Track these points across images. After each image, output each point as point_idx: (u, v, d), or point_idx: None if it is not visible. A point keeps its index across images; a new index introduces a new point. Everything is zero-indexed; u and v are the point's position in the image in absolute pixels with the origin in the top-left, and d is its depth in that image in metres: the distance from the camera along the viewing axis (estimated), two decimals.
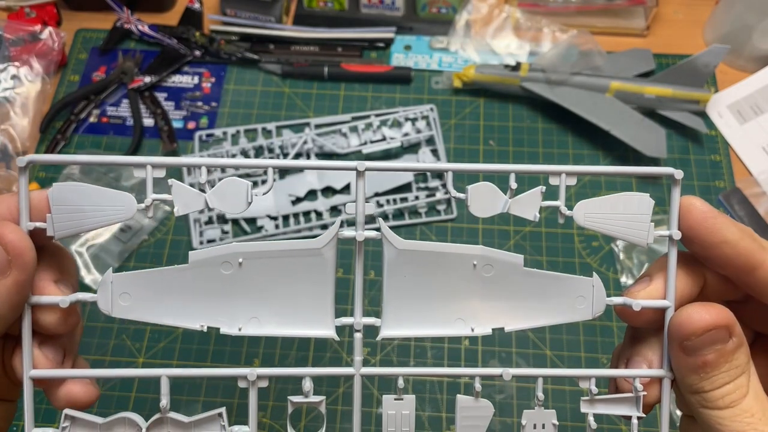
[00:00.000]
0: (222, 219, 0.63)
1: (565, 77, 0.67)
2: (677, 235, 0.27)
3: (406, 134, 0.66)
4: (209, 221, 0.63)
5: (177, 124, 0.69)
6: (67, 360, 0.28)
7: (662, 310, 0.27)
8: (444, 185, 0.64)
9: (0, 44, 0.71)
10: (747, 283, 0.26)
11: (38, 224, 0.26)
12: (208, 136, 0.67)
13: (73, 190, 0.25)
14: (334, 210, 0.63)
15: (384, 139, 0.66)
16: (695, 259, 0.27)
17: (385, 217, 0.63)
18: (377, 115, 0.68)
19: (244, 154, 0.65)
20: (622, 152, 0.66)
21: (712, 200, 0.64)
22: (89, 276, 0.60)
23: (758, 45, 0.69)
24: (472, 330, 0.28)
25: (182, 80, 0.72)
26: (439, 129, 0.67)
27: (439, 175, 0.64)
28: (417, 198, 0.63)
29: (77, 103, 0.69)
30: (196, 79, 0.72)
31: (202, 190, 0.27)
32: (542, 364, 0.57)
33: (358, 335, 0.27)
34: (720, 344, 0.24)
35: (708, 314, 0.24)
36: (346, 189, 0.64)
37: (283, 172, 0.65)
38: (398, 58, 0.73)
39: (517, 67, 0.68)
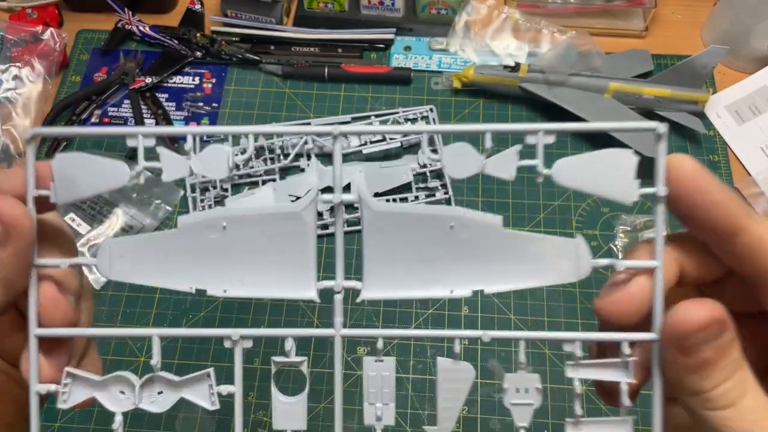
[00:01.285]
0: None
1: (564, 78, 0.67)
2: (663, 191, 0.26)
3: (406, 134, 0.66)
4: None
5: (178, 125, 0.69)
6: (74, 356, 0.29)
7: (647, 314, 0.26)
8: (444, 185, 0.64)
9: (2, 45, 0.72)
10: (727, 251, 0.26)
11: (42, 191, 0.27)
12: (209, 136, 0.67)
13: (74, 160, 0.27)
14: (334, 210, 0.63)
15: (384, 139, 0.66)
16: (670, 249, 0.27)
17: None
18: (377, 116, 0.68)
19: (244, 154, 0.65)
20: None
21: None
22: (91, 276, 0.61)
23: (756, 46, 0.70)
24: (451, 292, 0.28)
25: (183, 81, 0.72)
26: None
27: (438, 174, 0.65)
28: (417, 198, 0.63)
29: (78, 103, 0.70)
30: (197, 80, 0.72)
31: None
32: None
33: (338, 296, 0.28)
34: (717, 340, 0.24)
35: (704, 309, 0.24)
36: (346, 189, 0.64)
37: (284, 173, 0.65)
38: (398, 59, 0.73)
39: (516, 68, 0.68)
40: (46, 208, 0.27)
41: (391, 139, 0.66)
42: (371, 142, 0.66)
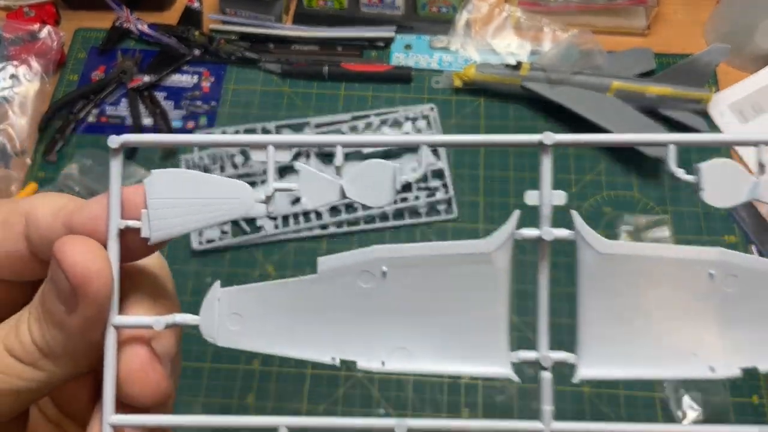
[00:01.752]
0: None
1: (566, 77, 0.67)
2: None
3: (406, 134, 0.66)
4: None
5: (176, 124, 0.68)
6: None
7: None
8: (445, 185, 0.64)
9: None
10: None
11: (131, 222, 0.21)
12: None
13: (175, 179, 0.21)
14: (334, 210, 0.63)
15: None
16: None
17: (385, 217, 0.63)
18: (377, 115, 0.67)
19: (244, 153, 0.65)
20: (623, 152, 0.66)
21: None
22: None
23: (759, 44, 0.69)
24: (712, 370, 0.21)
25: (182, 80, 0.71)
26: (440, 128, 0.67)
27: (438, 174, 0.64)
28: (417, 198, 0.63)
29: (76, 102, 0.69)
30: (195, 79, 0.71)
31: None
32: None
33: (546, 375, 0.21)
34: None
35: None
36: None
37: (283, 173, 0.65)
38: (398, 58, 0.72)
39: (517, 67, 0.68)
40: (137, 249, 0.21)
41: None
42: None
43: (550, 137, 0.21)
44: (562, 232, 0.21)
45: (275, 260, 0.61)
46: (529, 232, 0.21)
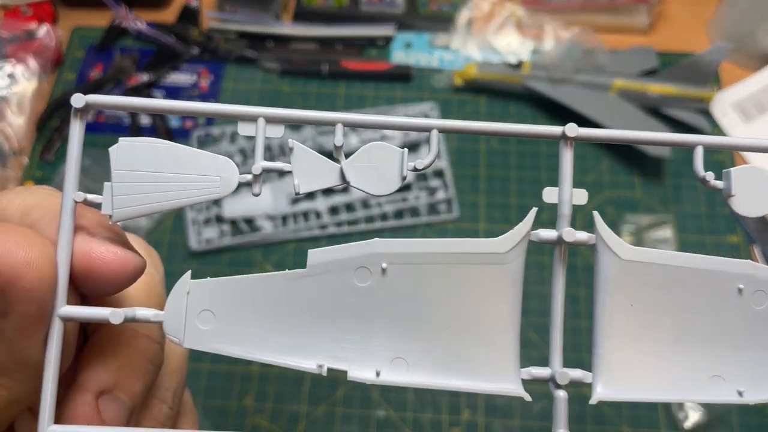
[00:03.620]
0: (219, 218, 0.62)
1: (568, 75, 0.66)
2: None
3: (406, 133, 0.65)
4: (207, 221, 0.62)
5: (175, 123, 0.68)
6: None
7: None
8: (445, 185, 0.63)
9: None
10: None
11: (90, 196, 0.18)
12: (206, 135, 0.66)
13: (147, 149, 0.18)
14: (334, 211, 0.62)
15: (384, 138, 0.65)
16: None
17: (385, 217, 0.62)
18: (377, 114, 0.67)
19: (243, 153, 0.64)
20: (625, 152, 0.65)
21: (716, 200, 0.63)
22: None
23: (763, 43, 0.68)
24: (740, 394, 0.19)
25: (180, 78, 0.71)
26: None
27: (439, 174, 0.64)
28: (417, 198, 0.62)
29: None
30: (193, 77, 0.71)
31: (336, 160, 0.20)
32: None
33: (561, 395, 0.18)
34: None
35: None
36: (345, 189, 0.63)
37: (282, 172, 0.64)
38: (398, 56, 0.72)
39: (519, 66, 0.67)
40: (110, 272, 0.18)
41: (391, 138, 0.65)
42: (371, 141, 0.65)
43: (573, 129, 0.19)
44: (582, 235, 0.19)
45: (274, 261, 0.61)
46: (547, 234, 0.19)
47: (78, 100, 0.18)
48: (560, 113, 0.67)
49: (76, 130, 0.18)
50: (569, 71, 0.66)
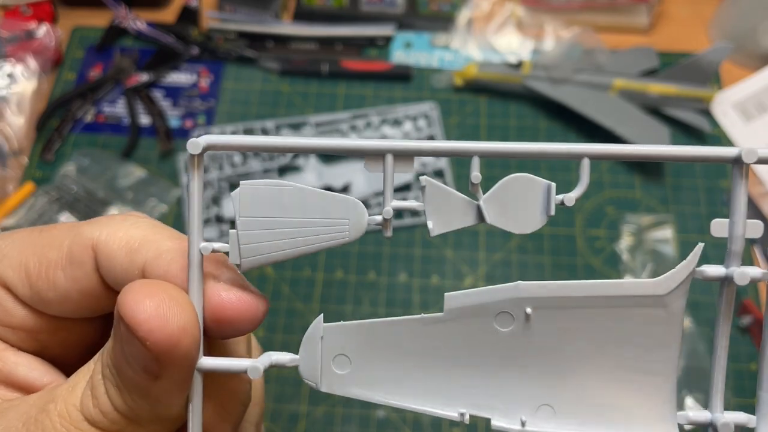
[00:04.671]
0: (219, 218, 0.62)
1: (568, 75, 0.66)
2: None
3: (406, 133, 0.65)
4: (207, 221, 0.62)
5: (174, 123, 0.68)
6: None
7: None
8: (445, 185, 0.63)
9: None
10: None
11: (217, 245, 0.17)
12: (205, 134, 0.66)
13: (271, 193, 0.17)
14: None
15: (384, 137, 0.65)
16: None
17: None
18: (377, 114, 0.67)
19: (243, 153, 0.64)
20: None
21: (717, 200, 0.63)
22: None
23: (763, 43, 0.68)
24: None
25: (179, 78, 0.71)
26: (441, 127, 0.66)
27: (438, 174, 0.64)
28: (417, 198, 0.62)
29: (73, 101, 0.68)
30: (193, 77, 0.71)
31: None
32: None
33: None
34: None
35: None
36: (345, 189, 0.63)
37: (282, 172, 0.64)
38: (398, 56, 0.72)
39: (519, 65, 0.67)
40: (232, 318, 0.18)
41: (392, 137, 0.65)
42: None
43: (752, 154, 0.16)
44: (755, 272, 0.17)
45: None
46: (714, 271, 0.17)
47: (194, 146, 0.18)
48: (560, 113, 0.67)
49: (195, 179, 0.17)
50: (569, 71, 0.66)
